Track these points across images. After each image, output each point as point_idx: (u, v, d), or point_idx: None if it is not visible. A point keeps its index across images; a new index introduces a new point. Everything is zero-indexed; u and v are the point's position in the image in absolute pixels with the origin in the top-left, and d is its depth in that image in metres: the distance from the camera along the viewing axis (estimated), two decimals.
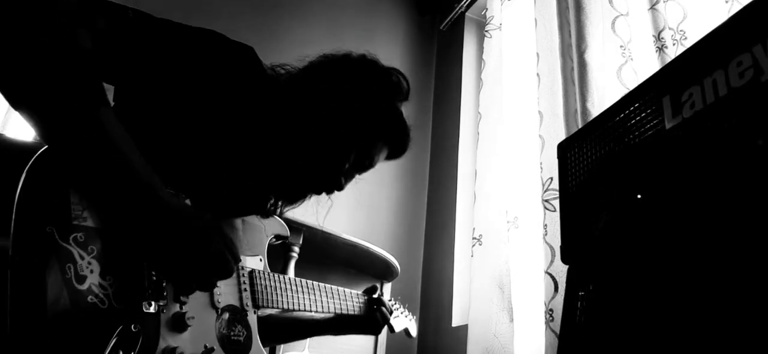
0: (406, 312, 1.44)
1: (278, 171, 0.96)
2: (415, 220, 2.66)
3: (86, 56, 0.68)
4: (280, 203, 1.04)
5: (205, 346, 0.83)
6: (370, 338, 1.95)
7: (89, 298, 0.67)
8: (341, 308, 1.23)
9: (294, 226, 1.66)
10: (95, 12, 0.72)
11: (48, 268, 0.64)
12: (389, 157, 1.07)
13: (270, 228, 1.05)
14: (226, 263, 0.79)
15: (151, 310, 0.75)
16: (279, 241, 1.06)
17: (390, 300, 1.38)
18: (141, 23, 0.79)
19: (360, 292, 1.31)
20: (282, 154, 0.95)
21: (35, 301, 0.61)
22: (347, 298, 1.25)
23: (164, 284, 0.78)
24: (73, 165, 0.69)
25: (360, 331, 1.30)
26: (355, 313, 1.27)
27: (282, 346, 1.63)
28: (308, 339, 1.72)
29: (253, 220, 1.01)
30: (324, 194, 1.02)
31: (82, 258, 0.68)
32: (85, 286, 0.67)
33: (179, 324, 0.79)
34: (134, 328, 0.71)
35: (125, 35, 0.76)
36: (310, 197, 1.03)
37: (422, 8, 3.13)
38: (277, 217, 1.07)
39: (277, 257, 1.65)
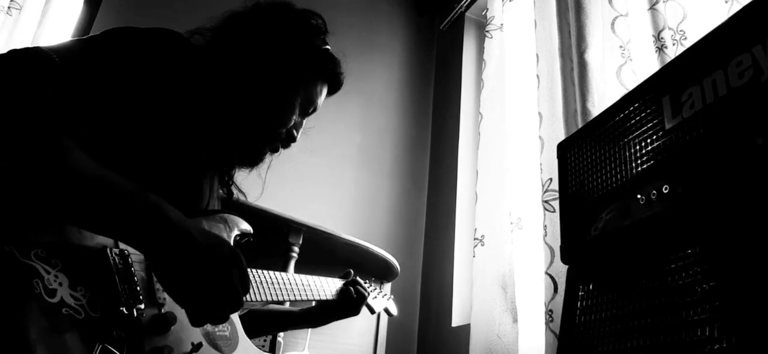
0: (384, 292, 1.47)
1: (231, 139, 0.96)
2: (415, 220, 2.66)
3: (36, 108, 0.66)
4: (235, 172, 1.06)
5: (193, 344, 0.82)
6: (370, 338, 1.96)
7: (64, 310, 0.65)
8: (318, 295, 1.24)
9: (294, 226, 1.66)
10: (23, 67, 0.70)
11: (15, 287, 0.62)
12: (328, 94, 1.09)
13: (234, 226, 1.04)
14: (237, 297, 0.74)
15: (130, 314, 0.73)
16: (244, 239, 1.05)
17: (366, 282, 1.39)
18: (64, 57, 0.75)
19: (336, 279, 1.33)
20: (230, 121, 0.94)
21: (10, 324, 0.59)
22: (323, 285, 1.27)
23: (139, 288, 0.77)
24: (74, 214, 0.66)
25: (339, 316, 1.32)
26: (332, 298, 1.29)
27: (282, 345, 1.63)
28: (308, 339, 1.73)
29: (216, 220, 1.01)
30: (280, 150, 1.03)
31: (48, 272, 0.65)
32: (56, 300, 0.65)
33: (162, 325, 0.78)
34: (116, 334, 0.70)
35: (55, 75, 0.73)
36: (269, 157, 1.03)
37: (421, 8, 3.13)
38: (240, 218, 1.06)
39: (277, 257, 1.65)
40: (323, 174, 2.43)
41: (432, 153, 2.83)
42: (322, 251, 1.84)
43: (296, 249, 1.66)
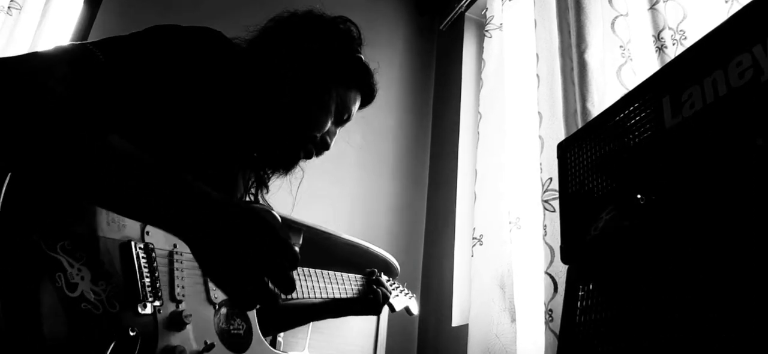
0: (406, 290, 1.46)
1: (268, 143, 0.98)
2: (415, 220, 2.66)
3: (66, 99, 0.65)
4: (270, 177, 1.08)
5: (206, 343, 0.83)
6: (370, 338, 1.95)
7: (82, 305, 0.66)
8: (340, 292, 1.25)
9: (294, 226, 1.65)
10: (57, 62, 0.70)
11: (37, 279, 0.62)
12: (361, 105, 1.11)
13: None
14: (278, 250, 0.67)
15: (147, 311, 0.74)
16: None
17: (388, 281, 1.39)
18: (108, 54, 0.76)
19: (358, 276, 1.33)
20: (268, 119, 0.96)
21: (28, 315, 0.60)
22: (345, 282, 1.28)
23: (159, 285, 0.78)
24: (100, 197, 0.63)
25: (360, 312, 1.32)
26: (354, 295, 1.29)
27: (282, 344, 1.63)
28: (308, 339, 1.72)
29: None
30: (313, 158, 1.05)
31: (72, 265, 0.67)
32: (77, 294, 0.66)
33: (177, 322, 0.79)
34: (132, 331, 0.70)
35: (98, 70, 0.73)
36: (301, 162, 1.06)
37: (421, 8, 3.13)
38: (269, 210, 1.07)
39: None
40: (323, 174, 2.43)
41: (432, 152, 2.83)
42: (322, 251, 1.84)
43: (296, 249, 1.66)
